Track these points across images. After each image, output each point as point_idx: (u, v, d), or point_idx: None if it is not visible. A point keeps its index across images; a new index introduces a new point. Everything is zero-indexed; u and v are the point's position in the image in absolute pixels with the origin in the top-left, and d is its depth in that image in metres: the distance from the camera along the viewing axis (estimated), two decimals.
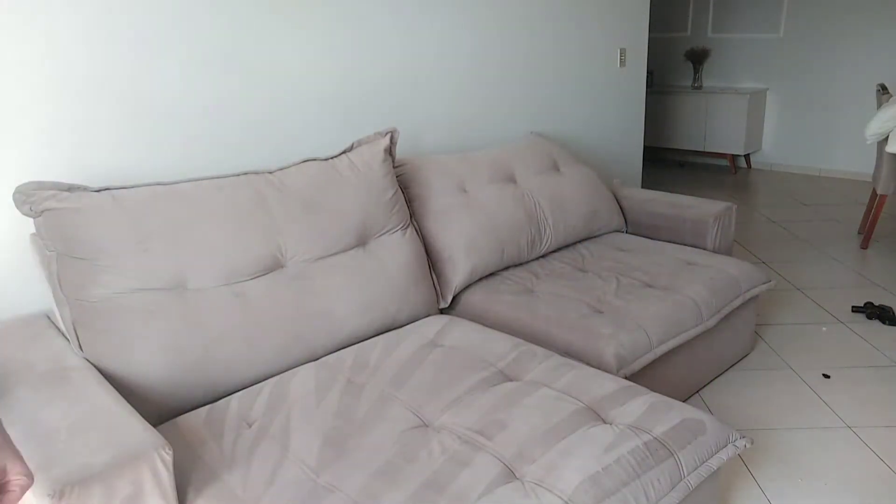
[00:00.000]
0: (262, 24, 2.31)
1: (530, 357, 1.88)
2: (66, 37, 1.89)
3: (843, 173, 5.68)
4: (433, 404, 1.67)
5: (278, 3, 2.34)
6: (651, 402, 1.64)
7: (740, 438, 1.62)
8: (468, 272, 2.41)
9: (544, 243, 2.68)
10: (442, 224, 2.43)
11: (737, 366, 2.70)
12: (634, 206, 3.04)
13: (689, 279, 2.40)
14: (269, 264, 1.95)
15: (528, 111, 3.36)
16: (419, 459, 1.46)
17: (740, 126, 5.80)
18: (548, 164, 2.90)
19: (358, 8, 2.57)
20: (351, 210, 2.15)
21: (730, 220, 2.85)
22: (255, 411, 1.69)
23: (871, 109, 5.36)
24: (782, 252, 3.98)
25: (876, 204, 3.94)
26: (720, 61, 6.18)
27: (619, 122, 3.95)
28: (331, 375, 1.85)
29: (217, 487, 1.42)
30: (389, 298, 2.14)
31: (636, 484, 1.41)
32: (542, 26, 3.32)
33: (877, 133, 3.80)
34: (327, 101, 2.55)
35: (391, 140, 2.36)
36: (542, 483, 1.38)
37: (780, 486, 2.01)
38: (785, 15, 5.72)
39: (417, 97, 2.87)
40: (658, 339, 2.11)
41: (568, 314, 2.18)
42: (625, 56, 3.84)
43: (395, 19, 2.71)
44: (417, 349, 1.96)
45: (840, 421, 2.32)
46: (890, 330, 2.96)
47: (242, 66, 2.26)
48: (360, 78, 2.64)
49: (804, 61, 5.71)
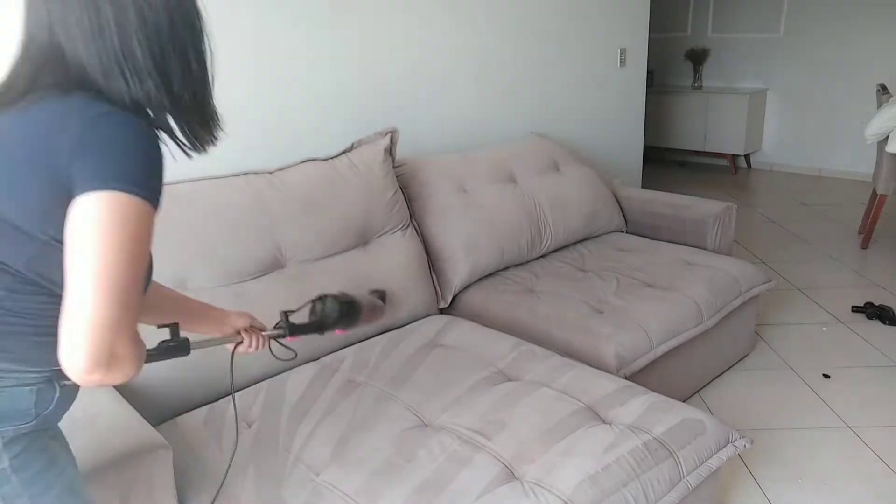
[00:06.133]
0: (263, 24, 2.31)
1: (530, 357, 1.88)
2: None
3: (843, 173, 5.67)
4: (433, 404, 1.67)
5: (280, 4, 2.34)
6: (651, 402, 1.64)
7: (740, 438, 1.62)
8: (468, 272, 2.41)
9: (544, 243, 2.68)
10: (442, 224, 2.43)
11: (737, 366, 2.70)
12: (634, 206, 3.04)
13: (689, 279, 2.40)
14: (269, 264, 1.95)
15: (529, 111, 3.36)
16: (418, 459, 1.46)
17: (740, 126, 5.79)
18: (548, 164, 2.90)
19: (359, 9, 2.57)
20: (351, 210, 2.15)
21: (730, 220, 2.85)
22: (254, 411, 1.69)
23: (871, 109, 5.35)
24: (782, 252, 3.98)
25: (876, 204, 3.94)
26: (720, 61, 6.17)
27: (619, 122, 3.95)
28: (330, 375, 1.85)
29: (216, 487, 1.42)
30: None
31: (635, 484, 1.41)
32: (542, 26, 3.32)
33: (877, 133, 3.79)
34: (328, 101, 2.55)
35: (391, 140, 2.36)
36: (542, 483, 1.38)
37: (780, 486, 2.01)
38: (785, 15, 5.72)
39: (417, 97, 2.87)
40: (658, 339, 2.11)
41: (568, 314, 2.18)
42: (625, 56, 3.83)
43: (395, 20, 2.70)
44: (417, 349, 1.96)
45: (840, 421, 2.32)
46: (890, 330, 2.96)
47: (242, 67, 2.26)
48: (361, 78, 2.64)
49: (804, 61, 5.70)
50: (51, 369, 0.93)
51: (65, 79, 0.87)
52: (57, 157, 0.82)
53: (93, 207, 0.80)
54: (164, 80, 0.91)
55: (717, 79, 6.23)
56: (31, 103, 0.85)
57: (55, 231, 0.83)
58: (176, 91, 0.92)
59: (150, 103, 0.91)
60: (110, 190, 0.81)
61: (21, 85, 0.87)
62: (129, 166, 0.83)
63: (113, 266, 0.81)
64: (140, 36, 0.88)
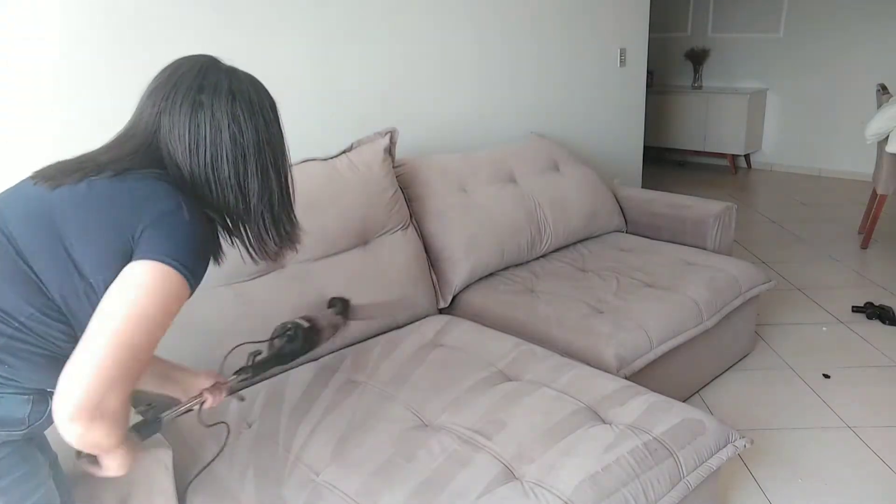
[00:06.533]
0: (262, 24, 2.31)
1: (530, 357, 1.88)
2: (83, 43, 1.89)
3: (843, 173, 5.67)
4: (433, 404, 1.67)
5: (279, 5, 2.34)
6: (651, 402, 1.64)
7: (740, 438, 1.62)
8: (468, 272, 2.41)
9: (544, 243, 2.68)
10: (442, 224, 2.43)
11: (737, 366, 2.70)
12: (634, 206, 3.04)
13: (689, 279, 2.40)
14: (269, 264, 1.95)
15: (528, 111, 3.36)
16: (418, 459, 1.46)
17: (740, 126, 5.79)
18: (548, 164, 2.90)
19: (358, 9, 2.57)
20: (351, 210, 2.15)
21: (730, 220, 2.85)
22: (254, 411, 1.69)
23: (871, 109, 5.35)
24: (782, 252, 3.98)
25: (876, 204, 3.94)
26: (720, 61, 6.17)
27: (619, 122, 3.95)
28: (330, 375, 1.85)
29: (216, 487, 1.42)
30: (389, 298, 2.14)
31: (635, 484, 1.41)
32: (542, 27, 3.32)
33: (877, 133, 3.79)
34: (328, 101, 2.55)
35: (391, 140, 2.36)
36: (542, 483, 1.38)
37: (780, 486, 2.01)
38: (785, 15, 5.72)
39: (417, 97, 2.87)
40: (658, 339, 2.11)
41: (568, 314, 2.18)
42: (625, 56, 3.83)
43: (395, 20, 2.70)
44: (417, 349, 1.96)
45: (840, 421, 2.32)
46: (890, 330, 2.95)
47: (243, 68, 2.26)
48: (360, 78, 2.64)
49: (804, 61, 5.70)
50: (43, 389, 0.99)
51: (158, 165, 1.02)
52: (133, 226, 0.96)
53: (142, 270, 0.94)
54: (243, 193, 1.05)
55: (717, 79, 6.23)
56: (128, 175, 1.00)
57: (104, 278, 0.95)
58: (253, 204, 1.06)
59: (229, 211, 1.06)
60: (162, 263, 0.94)
61: (125, 163, 1.01)
62: (185, 251, 0.96)
63: (133, 327, 0.90)
64: (229, 155, 1.02)
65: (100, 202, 0.98)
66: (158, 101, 1.03)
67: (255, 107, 1.06)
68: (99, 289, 0.95)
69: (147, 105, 1.04)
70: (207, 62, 1.07)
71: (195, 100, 1.01)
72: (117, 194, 0.98)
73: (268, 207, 1.08)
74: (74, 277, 0.96)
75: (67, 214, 0.97)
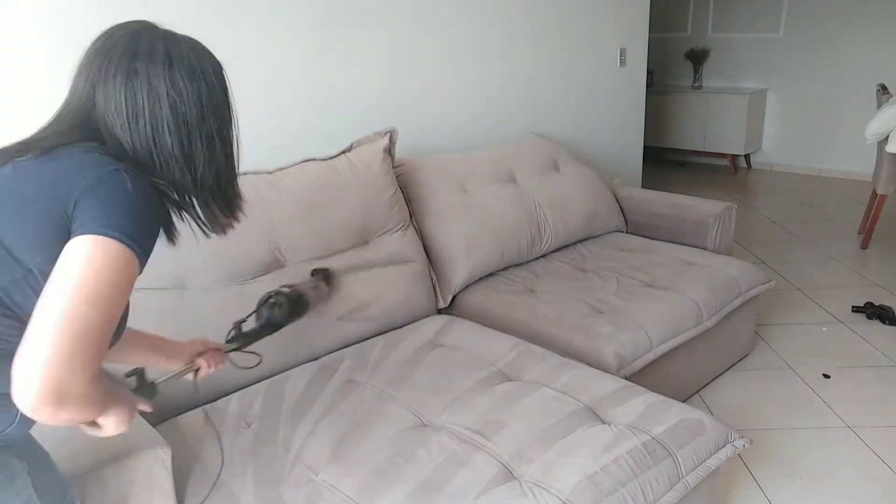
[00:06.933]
0: (262, 25, 2.31)
1: (530, 357, 1.88)
2: (66, 42, 1.89)
3: (843, 173, 5.67)
4: (432, 404, 1.67)
5: (279, 5, 2.34)
6: (650, 402, 1.64)
7: (739, 438, 1.62)
8: (468, 272, 2.41)
9: (544, 243, 2.68)
10: (442, 224, 2.43)
11: (737, 366, 2.70)
12: (634, 206, 3.04)
13: (689, 279, 2.40)
14: (269, 264, 1.95)
15: (528, 111, 3.36)
16: (417, 459, 1.46)
17: (740, 126, 5.79)
18: (548, 164, 2.90)
19: (358, 9, 2.57)
20: (350, 210, 2.15)
21: (730, 220, 2.85)
22: (254, 411, 1.69)
23: (871, 109, 5.35)
24: (782, 252, 3.98)
25: (876, 204, 3.94)
26: (720, 61, 6.17)
27: (619, 122, 3.95)
28: (330, 375, 1.85)
29: (216, 487, 1.42)
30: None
31: (634, 484, 1.41)
32: (542, 27, 3.32)
33: (877, 133, 3.79)
34: (328, 101, 2.55)
35: (390, 140, 2.36)
36: (540, 483, 1.38)
37: (779, 486, 2.01)
38: (785, 15, 5.72)
39: (417, 97, 2.87)
40: (658, 339, 2.11)
41: (568, 314, 2.18)
42: (625, 56, 3.83)
43: (395, 21, 2.71)
44: (417, 349, 1.96)
45: (840, 421, 2.32)
46: (890, 330, 2.95)
47: (242, 68, 2.26)
48: (360, 78, 2.64)
49: (804, 61, 5.70)
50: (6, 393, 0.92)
51: (94, 139, 0.95)
52: (67, 200, 0.88)
53: (84, 247, 0.86)
54: (189, 165, 0.99)
55: (717, 79, 6.23)
56: (57, 151, 0.93)
57: (43, 261, 0.88)
58: (200, 176, 1.00)
59: (175, 185, 0.99)
60: (104, 236, 0.86)
61: (53, 139, 0.94)
62: (127, 220, 0.89)
63: (80, 305, 0.83)
64: (171, 126, 0.96)
65: (26, 182, 0.91)
66: (91, 73, 0.96)
67: (196, 71, 0.98)
68: (40, 275, 0.88)
69: (80, 78, 0.97)
70: (142, 27, 1.00)
71: (129, 68, 0.94)
72: (47, 171, 0.91)
73: (214, 178, 1.02)
74: (10, 266, 0.89)
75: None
